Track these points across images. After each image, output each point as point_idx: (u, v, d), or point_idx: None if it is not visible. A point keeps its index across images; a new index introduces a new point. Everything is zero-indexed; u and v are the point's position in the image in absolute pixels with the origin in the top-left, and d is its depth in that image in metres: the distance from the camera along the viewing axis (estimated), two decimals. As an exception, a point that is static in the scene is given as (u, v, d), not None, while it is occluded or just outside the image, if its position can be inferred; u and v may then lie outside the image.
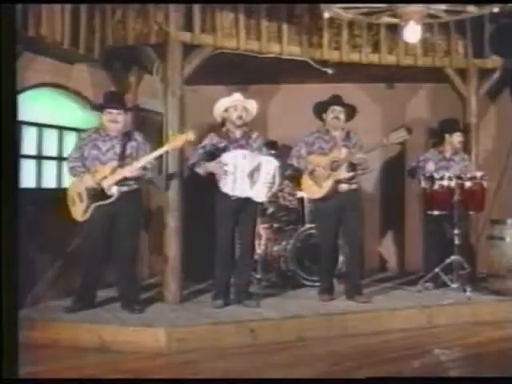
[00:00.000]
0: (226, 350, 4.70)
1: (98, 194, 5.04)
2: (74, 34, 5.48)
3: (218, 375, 4.14)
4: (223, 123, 5.52)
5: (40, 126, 6.05)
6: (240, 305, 5.44)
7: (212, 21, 5.72)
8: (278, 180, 5.42)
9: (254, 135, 5.54)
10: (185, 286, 5.78)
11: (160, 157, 5.37)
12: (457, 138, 6.43)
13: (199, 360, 4.49)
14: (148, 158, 5.12)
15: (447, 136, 6.46)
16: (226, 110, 5.46)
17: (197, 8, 5.63)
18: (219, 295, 5.45)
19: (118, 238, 5.21)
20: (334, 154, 5.63)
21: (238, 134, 5.47)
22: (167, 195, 5.58)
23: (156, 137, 5.87)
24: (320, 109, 5.77)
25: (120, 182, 5.06)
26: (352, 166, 5.59)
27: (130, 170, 5.05)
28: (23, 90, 5.19)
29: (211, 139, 5.47)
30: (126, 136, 5.22)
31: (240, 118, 5.42)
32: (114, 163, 5.08)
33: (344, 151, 5.61)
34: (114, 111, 5.15)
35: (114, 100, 5.24)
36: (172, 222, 5.55)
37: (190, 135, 5.12)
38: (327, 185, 5.62)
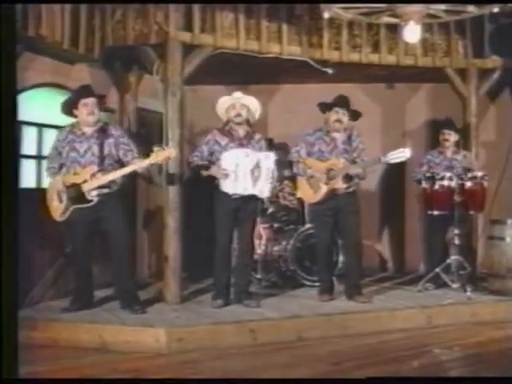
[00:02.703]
0: (226, 350, 4.70)
1: (77, 196, 5.02)
2: (73, 33, 5.48)
3: (218, 375, 4.14)
4: (227, 122, 5.52)
5: (40, 125, 6.04)
6: (240, 305, 5.44)
7: (212, 21, 5.71)
8: (276, 174, 5.43)
9: (257, 136, 5.54)
10: (185, 286, 5.79)
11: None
12: (446, 137, 6.42)
13: (199, 360, 4.49)
14: (127, 170, 5.05)
15: (439, 135, 6.48)
16: (227, 110, 5.47)
17: (197, 8, 5.62)
18: (219, 295, 5.45)
19: (107, 239, 5.19)
20: (332, 162, 5.61)
21: (240, 132, 5.47)
22: (167, 195, 5.58)
23: (156, 137, 5.87)
24: (324, 108, 5.76)
25: (102, 186, 5.04)
26: (349, 176, 5.59)
27: (111, 177, 5.02)
28: (23, 89, 5.19)
29: (214, 135, 5.47)
30: (102, 133, 5.14)
31: (238, 115, 5.41)
32: (94, 167, 5.03)
33: (342, 161, 5.59)
34: (89, 101, 5.07)
35: (85, 91, 5.15)
36: (172, 222, 5.55)
37: (172, 152, 5.06)
38: (323, 191, 5.62)
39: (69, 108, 5.16)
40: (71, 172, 5.10)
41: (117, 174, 5.05)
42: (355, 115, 5.73)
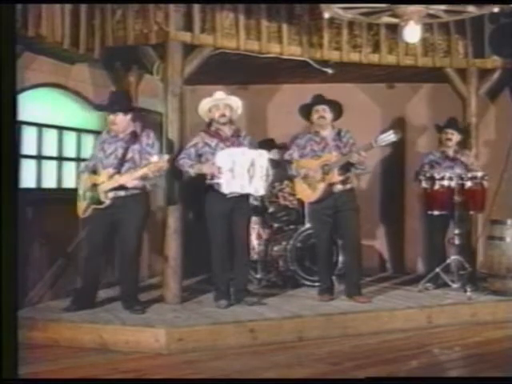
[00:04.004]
0: (226, 350, 4.70)
1: (94, 197, 5.10)
2: (74, 33, 5.47)
3: (218, 375, 4.14)
4: (211, 123, 5.52)
5: (40, 125, 6.04)
6: (240, 304, 5.44)
7: (212, 21, 5.71)
8: (270, 172, 5.42)
9: (243, 133, 5.56)
10: (185, 286, 5.78)
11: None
12: (449, 136, 6.42)
13: (199, 360, 4.49)
14: (134, 176, 5.02)
15: (442, 134, 6.49)
16: (210, 110, 5.46)
17: (197, 8, 5.62)
18: (221, 296, 5.45)
19: (120, 240, 5.24)
20: (325, 158, 5.63)
21: (228, 132, 5.47)
22: (167, 195, 5.58)
23: (156, 137, 5.86)
24: (305, 111, 5.79)
25: (117, 188, 5.07)
26: (344, 169, 5.60)
27: (123, 181, 5.05)
28: (23, 89, 5.19)
29: (202, 138, 5.46)
30: (132, 138, 5.19)
31: (223, 116, 5.42)
32: (111, 170, 5.09)
33: (335, 154, 5.62)
34: (112, 114, 5.14)
35: (113, 102, 5.20)
36: (172, 222, 5.55)
37: (163, 164, 5.02)
38: (320, 188, 5.62)
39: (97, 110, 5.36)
40: (97, 172, 5.18)
41: (122, 180, 5.05)
42: (338, 110, 5.73)
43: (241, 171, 5.27)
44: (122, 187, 5.08)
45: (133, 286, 5.30)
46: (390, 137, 5.36)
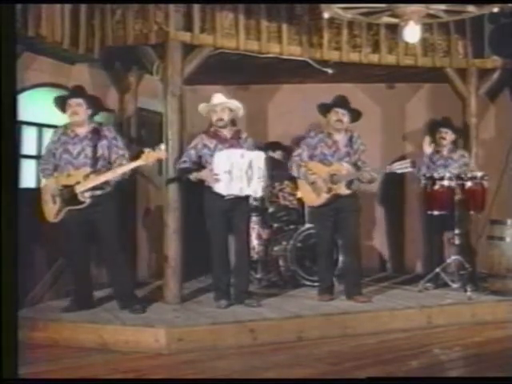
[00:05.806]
0: (226, 349, 4.70)
1: (70, 198, 5.02)
2: (73, 33, 5.48)
3: (218, 375, 4.14)
4: (212, 124, 5.51)
5: (40, 125, 6.05)
6: (241, 305, 5.43)
7: (212, 21, 5.72)
8: (266, 173, 5.40)
9: (244, 135, 5.53)
10: (185, 286, 5.79)
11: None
12: (443, 135, 6.42)
13: (199, 360, 4.49)
14: (119, 172, 5.02)
15: (436, 133, 6.48)
16: (209, 114, 5.45)
17: (197, 8, 5.63)
18: (221, 296, 5.44)
19: (102, 241, 5.20)
20: (336, 167, 5.60)
21: (227, 133, 5.46)
22: (167, 195, 5.58)
23: (156, 137, 5.87)
24: (323, 110, 5.76)
25: (94, 188, 5.03)
26: (351, 181, 5.60)
27: (103, 179, 5.02)
28: (23, 89, 5.19)
29: (201, 139, 5.45)
30: (96, 135, 5.13)
31: (220, 120, 5.39)
32: (87, 169, 5.04)
33: (345, 166, 5.59)
34: (73, 102, 5.09)
35: (73, 92, 5.18)
36: (172, 222, 5.55)
37: (162, 154, 5.07)
38: (325, 196, 5.62)
39: (59, 106, 5.20)
40: (64, 174, 5.10)
41: (109, 176, 5.05)
42: (356, 115, 5.73)
43: (239, 174, 5.25)
44: (97, 187, 5.02)
45: (126, 285, 5.25)
46: (405, 166, 5.37)
